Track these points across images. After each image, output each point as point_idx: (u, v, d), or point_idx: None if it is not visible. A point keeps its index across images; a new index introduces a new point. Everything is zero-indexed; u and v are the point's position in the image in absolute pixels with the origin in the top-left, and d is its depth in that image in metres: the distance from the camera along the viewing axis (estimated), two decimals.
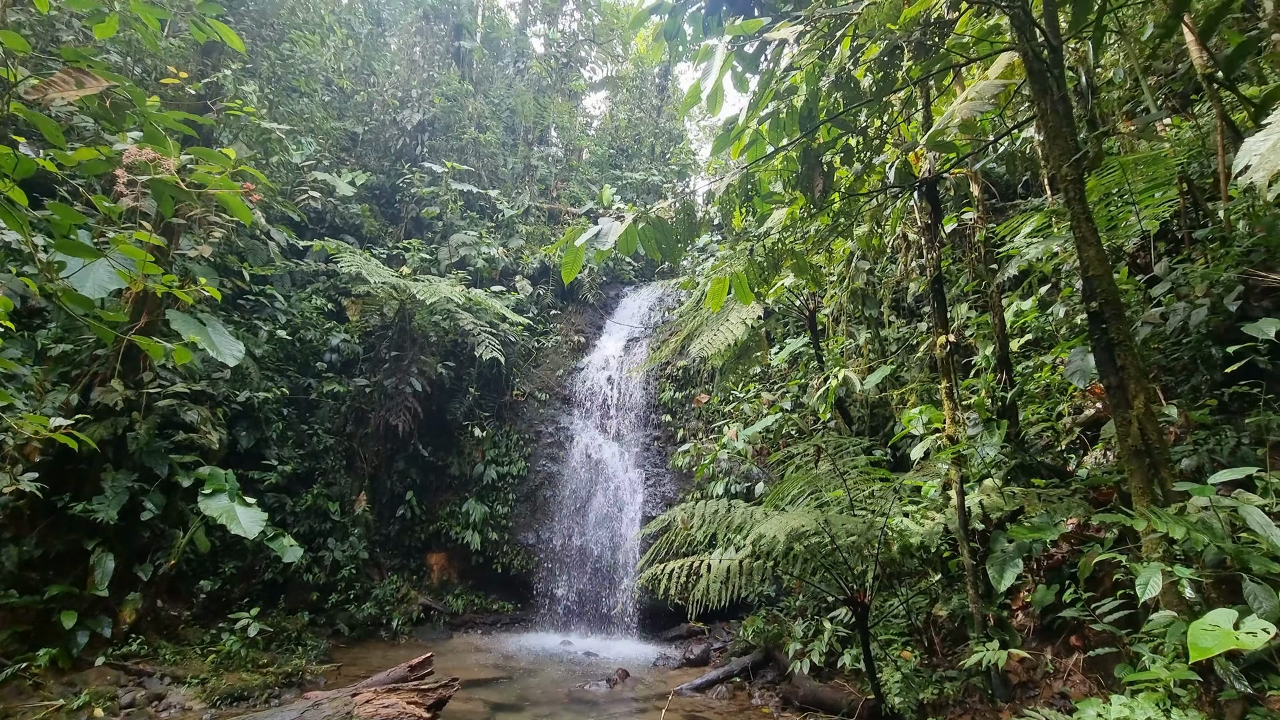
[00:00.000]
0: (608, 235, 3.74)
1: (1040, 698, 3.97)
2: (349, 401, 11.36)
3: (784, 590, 9.59)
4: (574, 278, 4.05)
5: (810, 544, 4.20)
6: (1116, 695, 2.24)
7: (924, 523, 4.54)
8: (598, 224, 14.06)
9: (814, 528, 4.09)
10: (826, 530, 3.94)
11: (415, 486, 12.00)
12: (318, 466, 10.97)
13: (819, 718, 6.72)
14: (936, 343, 4.78)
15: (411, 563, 11.86)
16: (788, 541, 4.15)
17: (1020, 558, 3.99)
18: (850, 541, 4.28)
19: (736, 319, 5.92)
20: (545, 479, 12.42)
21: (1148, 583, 2.41)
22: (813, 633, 6.95)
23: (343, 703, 4.69)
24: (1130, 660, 2.93)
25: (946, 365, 4.72)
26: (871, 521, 4.15)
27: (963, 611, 4.66)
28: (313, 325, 12.14)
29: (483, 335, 10.68)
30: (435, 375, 11.76)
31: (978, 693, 4.18)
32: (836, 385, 5.99)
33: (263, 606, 9.36)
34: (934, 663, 4.88)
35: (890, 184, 4.49)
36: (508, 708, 7.48)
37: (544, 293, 14.97)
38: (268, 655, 8.13)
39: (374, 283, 9.85)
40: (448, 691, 4.90)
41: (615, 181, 20.45)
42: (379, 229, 15.14)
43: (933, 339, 5.10)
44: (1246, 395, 3.67)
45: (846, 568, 4.37)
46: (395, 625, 10.34)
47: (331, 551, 10.22)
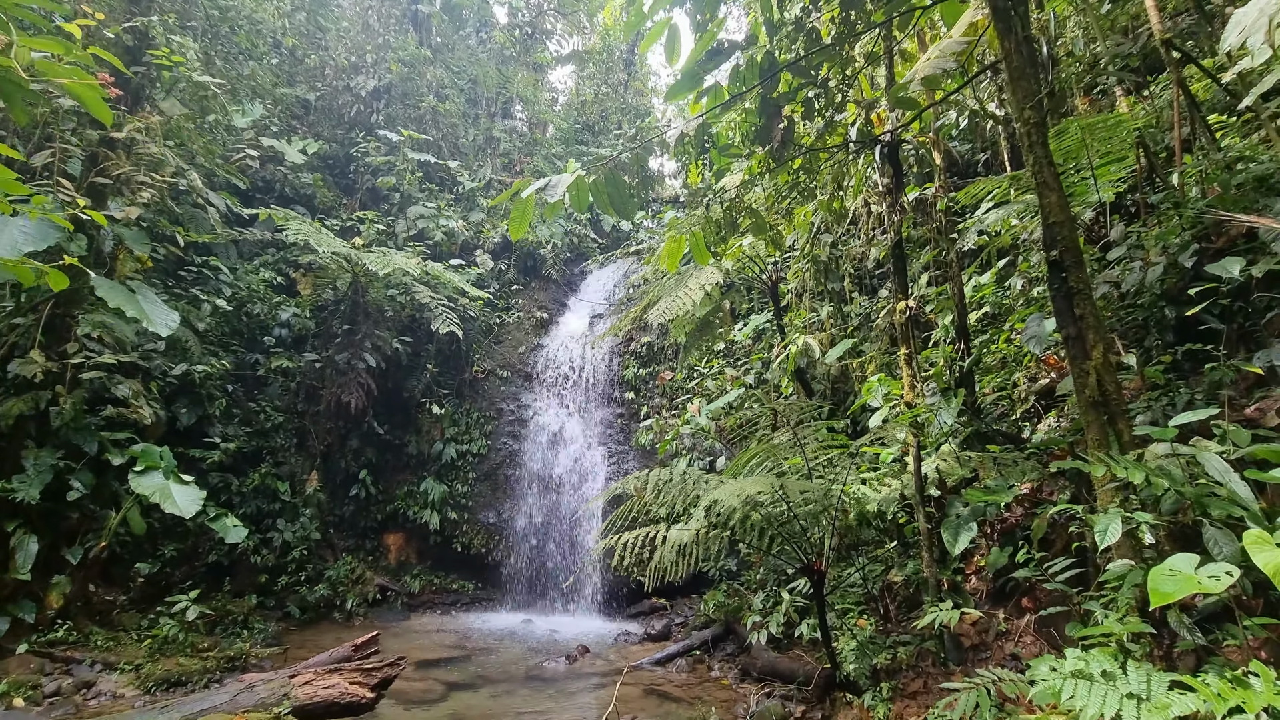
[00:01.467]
0: (556, 187, 3.52)
1: (992, 659, 3.98)
2: (299, 378, 10.91)
3: (744, 564, 9.61)
4: (522, 234, 3.82)
5: (767, 512, 4.11)
6: (1071, 650, 2.18)
7: (881, 489, 4.49)
8: None
9: (770, 494, 3.99)
10: (784, 497, 3.84)
11: (371, 465, 11.64)
12: (266, 445, 10.54)
13: (776, 687, 6.73)
14: (896, 309, 4.70)
15: (368, 543, 11.54)
16: (744, 509, 4.04)
17: (975, 521, 3.97)
18: (807, 509, 4.20)
19: (696, 285, 5.77)
20: (506, 457, 12.19)
21: (1106, 529, 2.35)
22: (771, 604, 6.93)
23: (279, 684, 4.45)
24: (1081, 618, 2.91)
25: (906, 332, 4.65)
26: (828, 488, 4.08)
27: (917, 578, 4.65)
28: (260, 299, 11.60)
29: (440, 309, 10.33)
30: (391, 351, 11.37)
31: (930, 656, 4.18)
32: (796, 353, 5.89)
33: (206, 590, 8.98)
34: (889, 629, 4.87)
35: (852, 141, 4.36)
36: (464, 686, 7.32)
37: (506, 268, 14.60)
38: (210, 640, 7.79)
39: (323, 252, 9.40)
40: (393, 671, 4.70)
41: (581, 158, 20.04)
42: (332, 200, 14.52)
43: (892, 305, 5.03)
44: (1200, 353, 3.67)
45: (804, 536, 4.29)
46: (349, 607, 10.05)
47: (281, 532, 9.85)
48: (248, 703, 4.24)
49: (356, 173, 15.17)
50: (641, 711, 6.33)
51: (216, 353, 10.58)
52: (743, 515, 4.25)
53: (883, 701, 3.79)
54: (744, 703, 6.49)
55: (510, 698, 6.97)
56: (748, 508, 4.02)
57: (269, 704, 4.27)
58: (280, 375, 10.93)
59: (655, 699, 6.87)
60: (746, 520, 4.50)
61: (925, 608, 3.99)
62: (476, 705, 6.76)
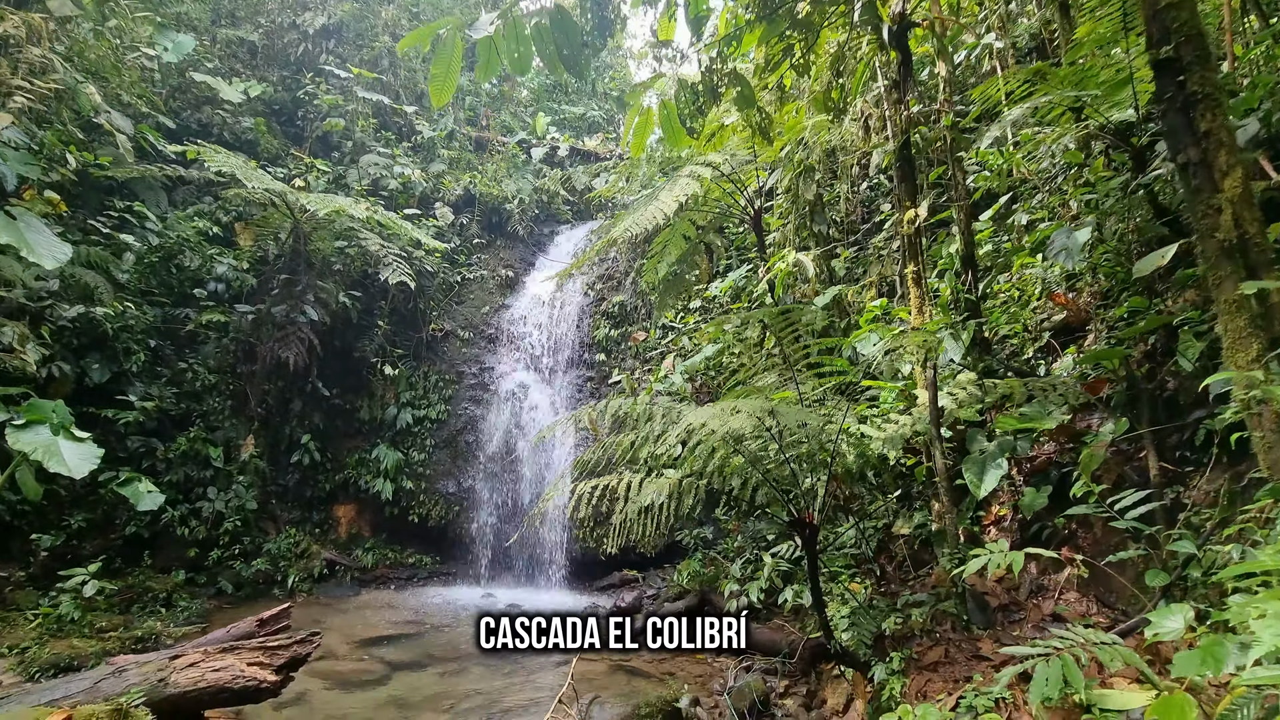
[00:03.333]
0: (483, 25, 2.68)
1: (1026, 620, 3.35)
2: (233, 334, 9.89)
3: (722, 533, 8.98)
4: (446, 102, 2.97)
5: (753, 452, 3.40)
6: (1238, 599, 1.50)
7: (885, 428, 3.81)
8: (529, 152, 12.60)
9: (756, 430, 3.27)
10: (774, 424, 3.12)
11: (317, 431, 10.71)
12: (197, 407, 9.54)
13: (756, 660, 6.11)
14: (904, 219, 3.99)
15: (315, 515, 10.65)
16: (725, 449, 3.33)
17: (1004, 457, 3.31)
18: (801, 451, 3.49)
19: (669, 198, 4.99)
20: (467, 423, 11.34)
21: None
22: (751, 571, 6.28)
23: (156, 667, 3.64)
24: (1163, 564, 2.27)
25: (914, 246, 3.95)
26: (825, 424, 3.37)
27: (923, 532, 4.01)
28: (193, 248, 10.50)
29: (391, 258, 9.37)
30: (337, 306, 10.39)
31: (949, 619, 3.53)
32: (785, 272, 5.15)
33: (123, 564, 8.07)
34: (888, 591, 4.22)
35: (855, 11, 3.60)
36: (409, 665, 6.57)
37: (468, 222, 13.60)
38: (121, 619, 6.91)
39: (252, 188, 8.36)
40: (305, 649, 3.92)
41: (553, 115, 18.98)
42: (279, 149, 13.30)
43: (899, 214, 4.31)
44: None
45: (793, 483, 3.59)
46: (291, 583, 9.19)
47: (212, 502, 8.91)
48: (112, 689, 3.44)
49: (305, 120, 13.97)
50: (606, 690, 5.64)
51: (139, 305, 9.52)
52: (724, 457, 3.54)
53: (894, 674, 3.13)
54: (720, 678, 5.85)
55: (460, 678, 6.24)
56: (729, 447, 3.29)
57: (139, 690, 3.47)
58: (211, 331, 9.89)
59: (623, 675, 6.19)
60: (726, 466, 3.78)
61: (942, 563, 3.34)
62: (421, 686, 6.01)
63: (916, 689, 2.92)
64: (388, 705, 5.50)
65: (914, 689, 2.93)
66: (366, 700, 5.62)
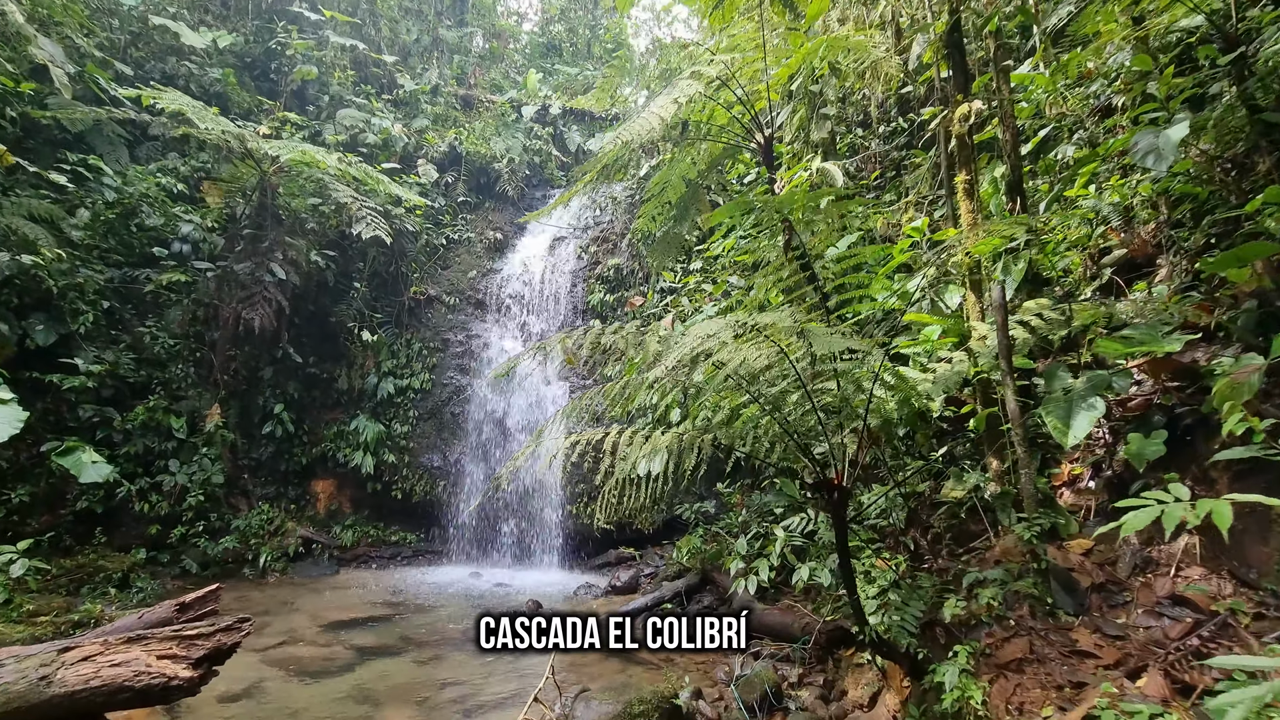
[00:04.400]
0: None
1: (1134, 603, 2.69)
2: (196, 295, 9.14)
3: (725, 508, 8.35)
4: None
5: (770, 396, 2.71)
6: None
7: (934, 368, 3.11)
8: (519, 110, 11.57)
9: (773, 357, 2.57)
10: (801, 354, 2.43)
11: (292, 402, 10.02)
12: (159, 375, 8.84)
13: (764, 645, 5.48)
14: (954, 115, 3.26)
15: (291, 491, 10.01)
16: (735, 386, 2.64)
17: (1099, 395, 2.62)
18: (828, 396, 2.80)
19: (667, 100, 4.26)
20: (453, 393, 10.66)
21: None
22: (760, 547, 5.63)
23: (39, 662, 2.98)
24: None
25: (966, 149, 3.22)
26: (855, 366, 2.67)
27: (975, 498, 3.34)
28: (154, 205, 9.73)
29: (365, 212, 8.59)
30: (309, 265, 9.64)
31: (1026, 603, 2.87)
32: (806, 183, 4.40)
33: (74, 542, 7.43)
34: (939, 568, 3.55)
35: None
36: (381, 652, 5.95)
37: (454, 181, 12.78)
38: (66, 601, 6.27)
39: (204, 129, 7.56)
40: (230, 638, 3.27)
41: (546, 76, 18.01)
42: (250, 103, 12.43)
43: (949, 110, 3.57)
44: None
45: (818, 435, 2.91)
46: (264, 562, 8.57)
47: (174, 475, 8.25)
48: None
49: (280, 73, 13.08)
50: (597, 680, 5.01)
51: (94, 265, 8.78)
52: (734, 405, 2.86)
53: (966, 674, 2.45)
54: (725, 664, 5.22)
55: (436, 665, 5.62)
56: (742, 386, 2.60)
57: (14, 691, 2.83)
58: (173, 293, 9.15)
59: (616, 662, 5.57)
60: (735, 418, 3.09)
61: (1017, 532, 2.67)
62: (390, 675, 5.39)
63: (1005, 696, 2.26)
64: (348, 698, 4.87)
65: (1001, 696, 2.27)
66: (326, 691, 5.00)
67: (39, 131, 9.50)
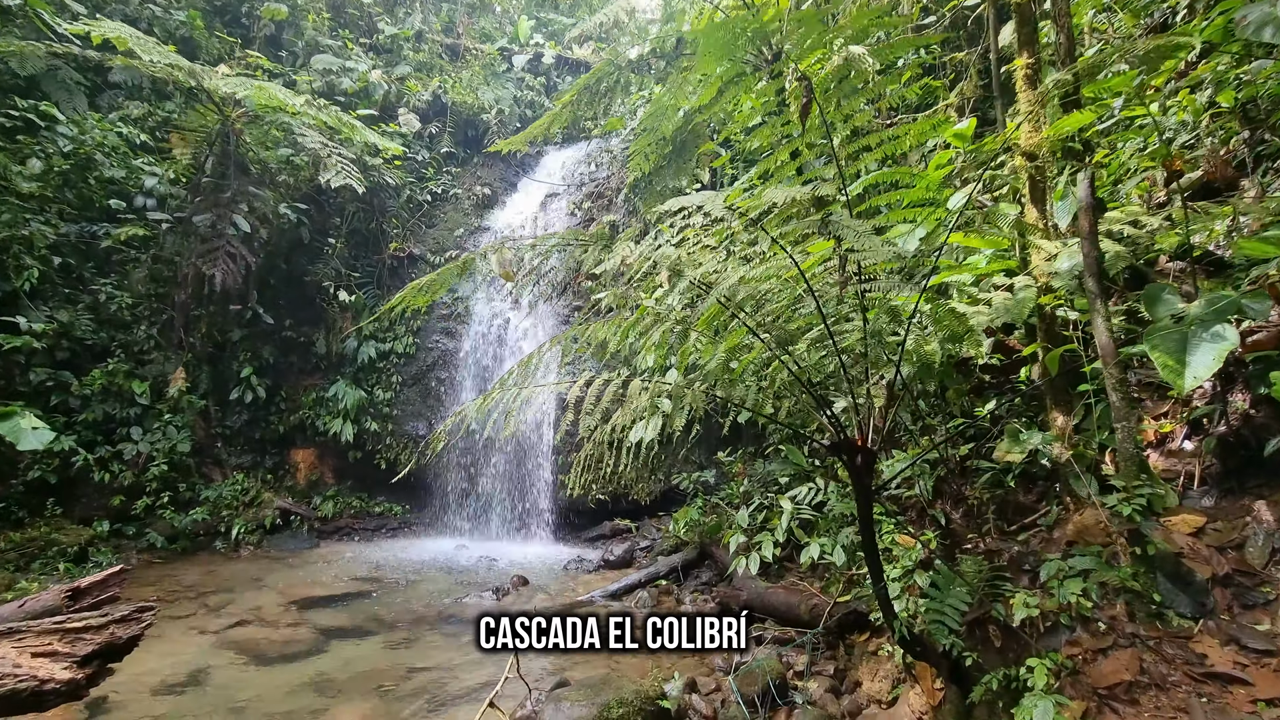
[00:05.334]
0: None
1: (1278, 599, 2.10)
2: (155, 250, 8.50)
3: (725, 477, 7.79)
4: None
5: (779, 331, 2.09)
6: None
7: (990, 295, 2.47)
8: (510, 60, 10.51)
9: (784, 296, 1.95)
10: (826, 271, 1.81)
11: (268, 368, 9.46)
12: (119, 337, 8.25)
13: (768, 627, 4.96)
14: None
15: (268, 460, 9.51)
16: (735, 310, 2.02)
17: (1226, 322, 1.99)
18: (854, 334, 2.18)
19: None
20: (439, 358, 10.06)
21: None
22: (763, 520, 5.06)
23: None
24: None
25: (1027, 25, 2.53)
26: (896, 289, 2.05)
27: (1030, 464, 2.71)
28: (110, 154, 9.03)
29: (335, 159, 7.87)
30: (277, 220, 8.95)
31: (1121, 600, 2.26)
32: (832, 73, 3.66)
33: (29, 513, 6.93)
34: (986, 549, 2.95)
35: None
36: (350, 633, 5.45)
37: (438, 132, 11.99)
38: (7, 576, 5.78)
39: (148, 62, 6.81)
40: (126, 630, 2.73)
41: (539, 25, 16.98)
42: (221, 50, 11.59)
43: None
44: None
45: (840, 384, 2.30)
46: (236, 534, 8.09)
47: (136, 444, 7.72)
48: None
49: (251, 18, 12.20)
50: (582, 665, 4.50)
51: (49, 220, 8.13)
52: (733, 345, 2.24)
53: (1048, 697, 1.82)
54: (722, 651, 4.70)
55: (408, 649, 5.12)
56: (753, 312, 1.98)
57: None
58: (133, 248, 8.51)
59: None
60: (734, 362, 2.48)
61: (1111, 504, 2.08)
62: (356, 661, 4.89)
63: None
64: (306, 687, 4.37)
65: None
66: (283, 680, 4.50)
67: None
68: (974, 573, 2.54)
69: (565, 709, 2.96)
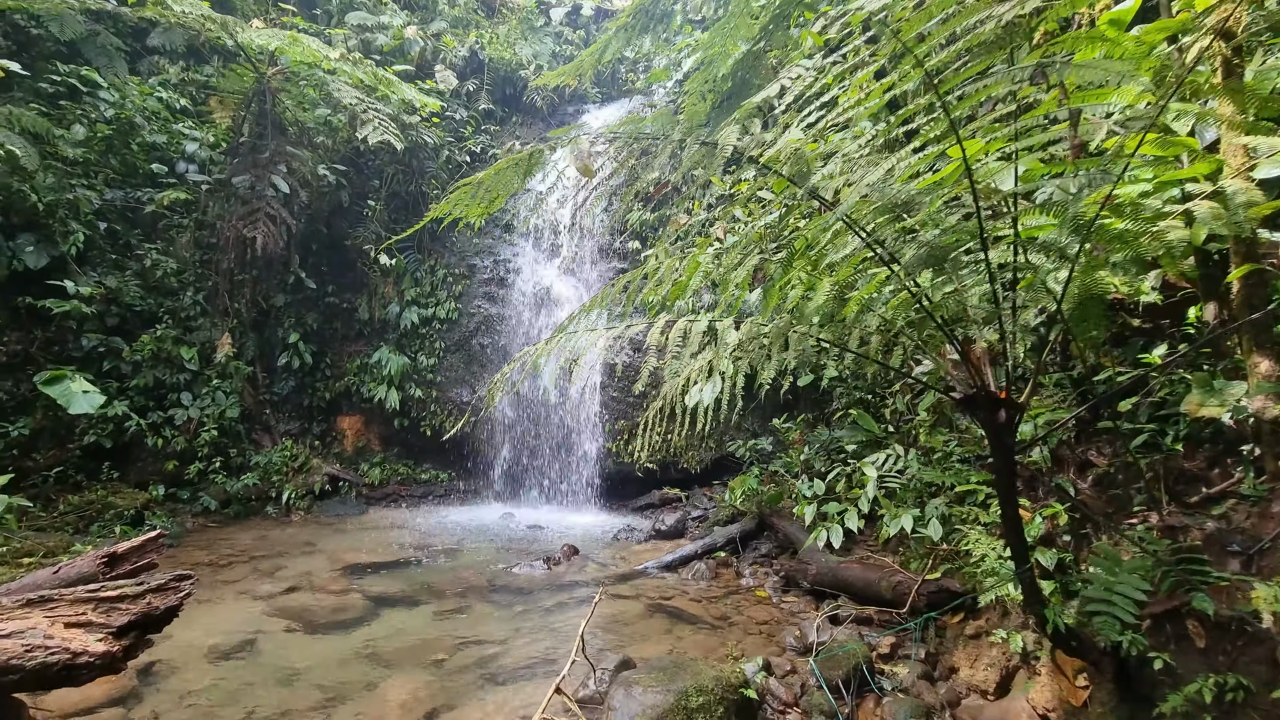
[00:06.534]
0: None
1: None
2: (198, 215, 8.39)
3: (782, 445, 7.37)
4: None
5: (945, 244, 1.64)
6: None
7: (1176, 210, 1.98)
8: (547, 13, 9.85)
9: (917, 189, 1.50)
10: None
11: (313, 334, 9.38)
12: (166, 303, 8.22)
13: (842, 604, 4.58)
14: None
15: (316, 427, 9.48)
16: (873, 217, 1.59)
17: None
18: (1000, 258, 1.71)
19: None
20: (482, 323, 9.81)
21: None
22: (843, 488, 4.63)
23: None
24: None
25: None
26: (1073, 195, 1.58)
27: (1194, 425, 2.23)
28: (152, 119, 8.93)
29: (371, 114, 7.56)
30: (316, 181, 8.73)
31: None
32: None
33: (87, 476, 6.99)
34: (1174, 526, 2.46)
35: None
36: (400, 601, 5.29)
37: (475, 91, 11.58)
38: (64, 539, 5.80)
39: (179, 11, 6.57)
40: (164, 600, 2.52)
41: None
42: (256, 8, 11.38)
43: None
44: None
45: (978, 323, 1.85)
46: (287, 499, 8.08)
47: (186, 409, 7.72)
48: None
49: None
50: (638, 644, 4.21)
51: (95, 185, 8.10)
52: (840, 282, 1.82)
53: None
54: (795, 628, 4.35)
55: (459, 619, 4.92)
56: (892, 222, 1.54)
57: None
58: (176, 213, 8.43)
59: (663, 619, 4.78)
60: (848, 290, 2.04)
61: None
62: (407, 630, 4.71)
63: None
64: (356, 658, 4.20)
65: None
66: (332, 650, 4.35)
67: (31, 45, 8.73)
68: (1164, 551, 2.06)
69: (638, 695, 2.65)
